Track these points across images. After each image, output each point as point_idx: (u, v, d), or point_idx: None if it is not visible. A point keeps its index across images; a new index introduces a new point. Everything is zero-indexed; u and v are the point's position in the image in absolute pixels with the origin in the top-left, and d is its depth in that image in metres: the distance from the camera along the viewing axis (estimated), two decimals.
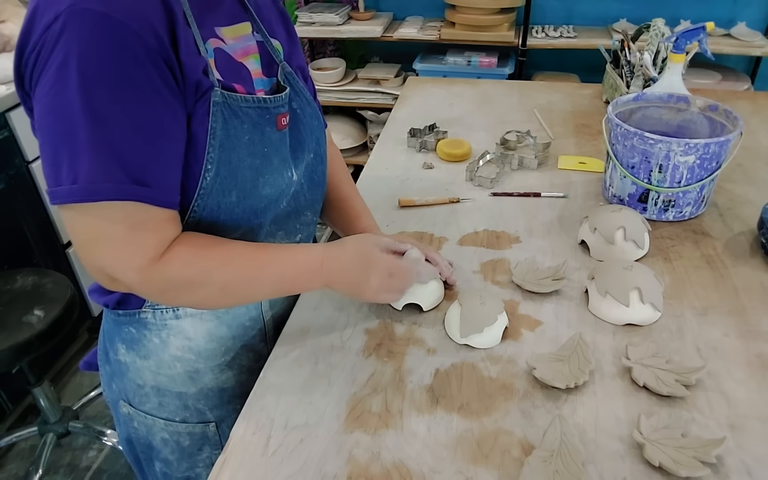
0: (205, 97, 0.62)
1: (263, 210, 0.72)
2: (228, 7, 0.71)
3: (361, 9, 2.55)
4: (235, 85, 0.66)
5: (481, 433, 0.64)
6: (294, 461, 0.62)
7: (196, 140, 0.63)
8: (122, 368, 0.80)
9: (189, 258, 0.64)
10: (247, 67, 0.70)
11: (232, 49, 0.69)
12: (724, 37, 2.22)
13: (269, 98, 0.69)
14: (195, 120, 0.62)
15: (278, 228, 0.78)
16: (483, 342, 0.75)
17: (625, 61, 1.38)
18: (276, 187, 0.73)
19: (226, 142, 0.64)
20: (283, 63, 0.75)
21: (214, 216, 0.67)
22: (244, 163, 0.67)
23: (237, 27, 0.71)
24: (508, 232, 1.00)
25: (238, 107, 0.65)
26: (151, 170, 0.58)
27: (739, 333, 0.76)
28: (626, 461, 0.60)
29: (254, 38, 0.73)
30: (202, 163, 0.63)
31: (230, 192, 0.67)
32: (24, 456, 1.78)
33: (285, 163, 0.74)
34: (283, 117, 0.72)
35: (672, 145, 0.93)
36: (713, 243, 0.95)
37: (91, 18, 0.52)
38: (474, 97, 1.59)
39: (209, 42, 0.66)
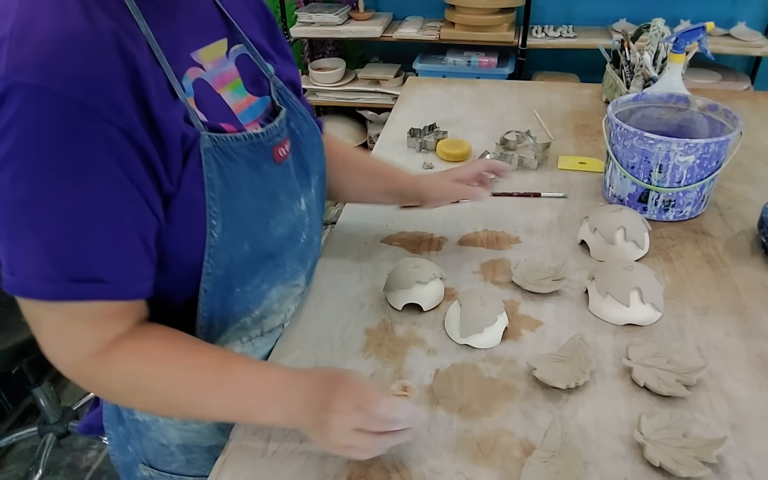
0: (194, 149, 0.56)
1: (279, 251, 0.68)
2: (202, 18, 0.63)
3: (360, 9, 2.55)
4: (222, 124, 0.60)
5: (482, 434, 0.64)
6: (294, 462, 0.62)
7: (194, 197, 0.57)
8: (140, 428, 0.74)
9: (130, 362, 0.56)
10: (225, 100, 0.63)
11: (212, 76, 0.62)
12: (724, 37, 2.22)
13: (261, 133, 0.63)
14: (187, 177, 0.56)
15: (299, 263, 0.75)
16: (483, 342, 0.75)
17: (625, 61, 1.37)
18: (288, 224, 0.68)
19: (226, 191, 0.59)
20: (273, 77, 0.69)
21: (230, 272, 0.63)
22: (249, 209, 0.62)
23: (214, 47, 0.63)
24: (508, 233, 0.99)
25: (230, 149, 0.59)
26: (93, 264, 0.51)
27: (740, 332, 0.76)
28: (627, 461, 0.60)
29: (230, 59, 0.65)
30: (205, 221, 0.58)
31: (242, 243, 0.62)
32: (24, 456, 1.77)
33: (293, 195, 0.69)
34: (280, 147, 0.66)
35: (672, 145, 0.93)
36: (714, 242, 0.95)
37: (28, 93, 0.45)
38: (474, 97, 1.59)
39: (187, 73, 0.58)
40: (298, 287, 0.78)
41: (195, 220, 0.58)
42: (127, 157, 0.50)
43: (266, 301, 0.72)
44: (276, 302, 0.74)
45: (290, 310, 0.79)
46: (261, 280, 0.68)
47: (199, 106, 0.58)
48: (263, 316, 0.73)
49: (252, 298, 0.69)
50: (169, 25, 0.57)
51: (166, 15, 0.57)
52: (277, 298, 0.73)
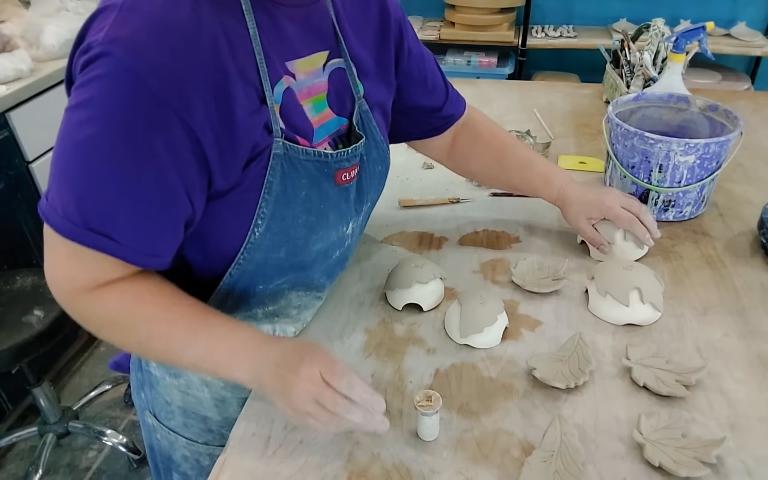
0: (263, 153, 0.58)
1: (311, 264, 0.69)
2: (309, 28, 0.63)
3: None
4: (297, 136, 0.61)
5: (481, 434, 0.64)
6: (294, 462, 0.62)
7: (247, 196, 0.60)
8: (152, 380, 0.78)
9: (118, 301, 0.59)
10: (306, 113, 0.63)
11: (299, 87, 0.62)
12: (724, 37, 2.22)
13: (330, 153, 0.64)
14: (248, 178, 0.59)
15: (327, 277, 0.76)
16: (483, 342, 0.75)
17: (625, 61, 1.37)
18: (327, 241, 0.69)
19: (282, 197, 0.61)
20: (360, 101, 0.69)
21: (259, 271, 0.66)
22: (298, 220, 0.63)
23: (311, 59, 0.63)
24: (508, 232, 1.00)
25: (298, 160, 0.61)
26: (114, 224, 0.54)
27: (740, 333, 0.76)
28: (626, 461, 0.60)
29: (325, 72, 0.65)
30: (252, 218, 0.60)
31: (279, 248, 0.64)
32: (24, 456, 1.78)
33: (342, 217, 0.70)
34: (345, 172, 0.67)
35: (672, 145, 0.93)
36: (713, 243, 0.95)
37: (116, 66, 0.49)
38: (474, 97, 1.59)
39: (283, 80, 0.60)
40: (319, 300, 0.80)
41: (243, 216, 0.60)
42: (181, 151, 0.53)
43: (283, 301, 0.73)
44: (294, 308, 0.75)
45: (306, 320, 0.80)
46: (284, 282, 0.70)
47: (282, 114, 0.60)
48: (276, 314, 0.74)
49: (270, 295, 0.71)
50: (274, 30, 0.59)
51: (274, 21, 0.59)
52: (296, 303, 0.75)
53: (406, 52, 0.79)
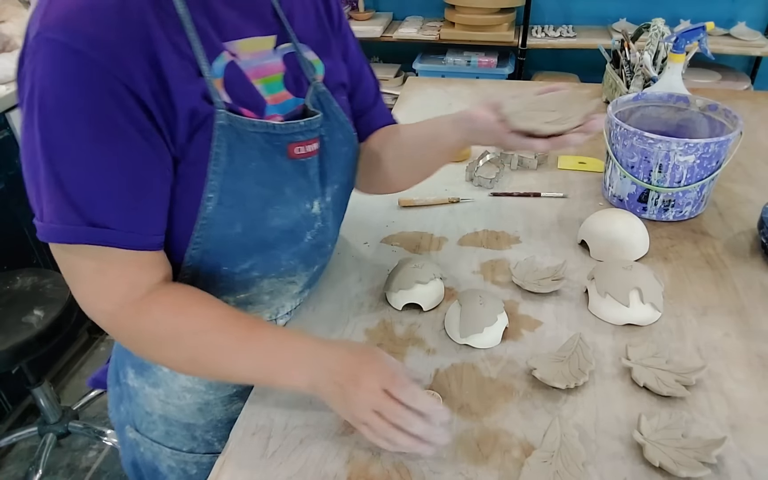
0: (206, 123, 0.58)
1: (275, 242, 0.68)
2: (247, 13, 0.64)
3: (360, 9, 2.55)
4: (242, 109, 0.61)
5: (481, 434, 0.64)
6: (294, 462, 0.62)
7: (196, 169, 0.59)
8: (131, 393, 0.78)
9: (164, 313, 0.60)
10: (258, 90, 0.64)
11: (246, 66, 0.63)
12: (724, 36, 2.22)
13: (279, 125, 0.64)
14: (194, 149, 0.58)
15: (300, 261, 0.74)
16: (483, 342, 0.75)
17: (624, 61, 1.37)
18: (289, 218, 0.68)
19: (230, 169, 0.60)
20: (315, 83, 0.70)
21: (220, 249, 0.64)
22: (251, 192, 0.63)
23: (256, 41, 0.65)
24: (508, 233, 1.00)
25: (245, 132, 0.61)
26: (110, 211, 0.55)
27: (740, 333, 0.76)
28: (626, 462, 0.60)
29: (277, 54, 0.67)
30: (202, 192, 0.60)
31: (234, 223, 0.63)
32: (23, 456, 1.77)
33: (302, 194, 0.69)
34: (299, 146, 0.66)
35: (672, 145, 0.93)
36: (713, 243, 0.95)
37: (55, 49, 0.50)
38: (473, 97, 1.59)
39: (222, 55, 0.61)
40: (294, 285, 0.77)
41: (194, 190, 0.60)
42: (138, 117, 0.54)
43: (255, 289, 0.72)
44: (266, 294, 0.74)
45: (284, 307, 0.79)
46: (251, 267, 0.69)
47: (227, 87, 0.61)
48: (249, 302, 0.73)
49: (239, 282, 0.69)
50: (207, 11, 0.60)
51: (208, 4, 0.60)
52: (268, 289, 0.73)
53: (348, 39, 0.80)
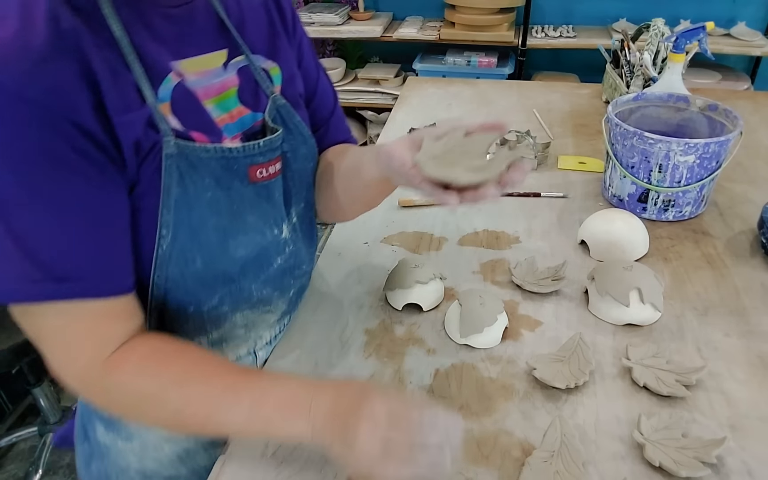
0: (153, 154, 0.53)
1: (240, 274, 0.63)
2: (192, 29, 0.59)
3: (360, 9, 2.55)
4: (193, 133, 0.56)
5: (481, 434, 0.64)
6: (294, 462, 0.62)
7: (148, 203, 0.54)
8: (102, 450, 0.71)
9: (141, 367, 0.54)
10: (208, 112, 0.59)
11: (195, 86, 0.58)
12: (724, 36, 2.22)
13: (236, 148, 0.59)
14: (143, 182, 0.54)
15: (273, 289, 0.69)
16: (483, 342, 0.75)
17: (624, 61, 1.37)
18: (254, 246, 0.63)
19: (183, 201, 0.55)
20: (274, 96, 0.65)
21: (181, 288, 0.60)
22: (208, 225, 0.58)
23: (204, 59, 0.60)
24: (508, 232, 0.99)
25: (197, 159, 0.56)
26: (72, 259, 0.50)
27: (740, 333, 0.76)
28: (627, 462, 0.60)
29: (229, 70, 0.62)
30: (156, 228, 0.55)
31: (194, 259, 0.58)
32: (23, 456, 1.77)
33: (267, 220, 0.64)
34: (261, 168, 0.61)
35: (672, 145, 0.93)
36: (713, 242, 0.95)
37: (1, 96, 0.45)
38: (473, 97, 1.59)
39: (169, 77, 0.56)
40: (270, 314, 0.72)
41: (146, 225, 0.55)
42: (89, 152, 0.49)
43: (227, 325, 0.67)
44: (241, 328, 0.69)
45: (262, 338, 0.74)
46: (220, 302, 0.64)
47: (175, 112, 0.56)
48: (223, 340, 0.68)
49: (210, 320, 0.65)
50: (149, 31, 0.55)
51: (147, 21, 0.55)
52: (242, 323, 0.69)
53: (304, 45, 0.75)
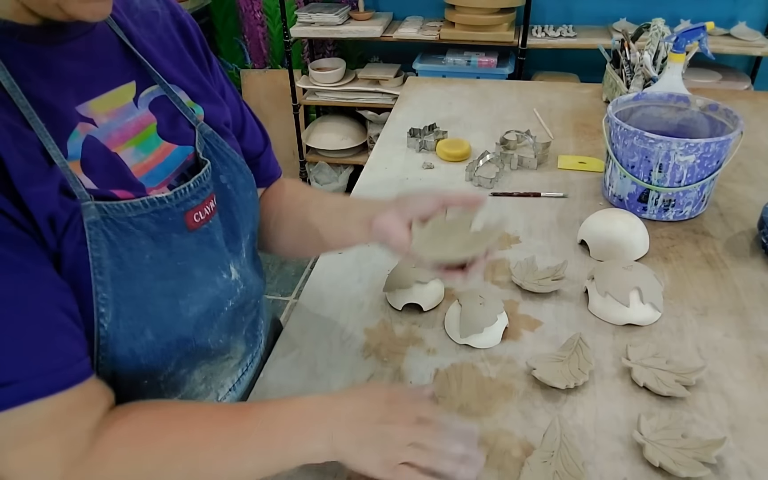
0: (72, 225, 0.46)
1: (196, 332, 0.58)
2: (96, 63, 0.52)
3: (360, 9, 2.55)
4: (115, 190, 0.49)
5: (481, 434, 0.64)
6: None
7: (77, 280, 0.47)
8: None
9: (127, 454, 0.48)
10: (125, 163, 0.52)
11: (106, 131, 0.52)
12: (724, 36, 2.21)
13: (167, 196, 0.52)
14: (67, 259, 0.46)
15: (228, 334, 0.64)
16: (483, 342, 0.75)
17: (625, 61, 1.37)
18: (206, 301, 0.58)
19: (119, 273, 0.49)
20: (200, 125, 0.60)
21: (131, 364, 0.53)
22: (152, 292, 0.52)
23: (112, 95, 0.53)
24: (508, 232, 0.99)
25: (126, 220, 0.49)
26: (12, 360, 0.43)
27: (740, 333, 0.76)
28: (626, 462, 0.60)
29: (141, 105, 0.56)
30: (93, 308, 0.48)
31: (142, 332, 0.52)
32: None
33: (215, 267, 0.59)
34: (197, 211, 0.55)
35: (672, 145, 0.93)
36: (713, 243, 0.94)
37: None
38: (473, 96, 1.59)
39: (77, 129, 0.49)
40: (230, 360, 0.67)
41: (83, 308, 0.48)
42: (7, 233, 0.43)
43: (187, 387, 0.62)
44: (201, 383, 0.64)
45: (225, 386, 0.68)
46: (176, 366, 0.58)
47: (86, 170, 0.49)
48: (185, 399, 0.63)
49: (168, 388, 0.59)
50: (47, 74, 0.48)
51: (43, 63, 0.48)
52: (201, 379, 0.64)
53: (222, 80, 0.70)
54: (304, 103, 2.67)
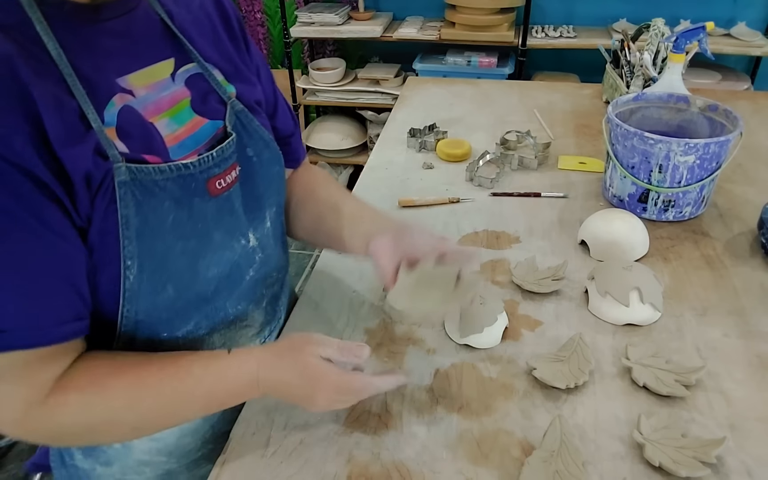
0: (105, 184, 0.50)
1: (215, 293, 0.62)
2: (137, 40, 0.57)
3: (360, 9, 2.55)
4: (146, 156, 0.54)
5: (481, 434, 0.64)
6: (294, 462, 0.62)
7: (107, 237, 0.51)
8: (81, 474, 0.70)
9: (83, 399, 0.52)
10: (158, 130, 0.56)
11: (143, 103, 0.56)
12: (724, 36, 2.22)
13: (191, 163, 0.56)
14: (98, 217, 0.51)
15: (248, 302, 0.68)
16: (483, 342, 0.75)
17: (625, 61, 1.37)
18: (225, 263, 0.62)
19: (144, 230, 0.53)
20: (232, 101, 0.63)
21: (153, 317, 0.58)
22: (173, 250, 0.56)
23: (151, 70, 0.57)
24: (508, 232, 1.00)
25: (153, 183, 0.53)
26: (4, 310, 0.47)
27: (739, 333, 0.76)
28: (626, 461, 0.60)
29: (178, 80, 0.60)
30: (119, 263, 0.53)
31: (164, 286, 0.56)
32: (24, 456, 1.77)
33: (233, 232, 0.63)
34: (219, 179, 0.60)
35: (672, 145, 0.93)
36: (713, 243, 0.95)
37: None
38: (474, 97, 1.59)
39: (113, 100, 0.53)
40: (249, 329, 0.71)
41: (108, 261, 0.52)
42: (25, 193, 0.46)
43: (205, 347, 0.65)
44: (219, 347, 0.68)
45: None
46: (196, 326, 0.63)
47: (121, 136, 0.53)
48: None
49: (186, 345, 0.63)
50: (89, 49, 0.52)
51: (86, 39, 0.52)
52: (220, 343, 0.68)
53: (259, 62, 0.74)
54: (304, 103, 2.67)
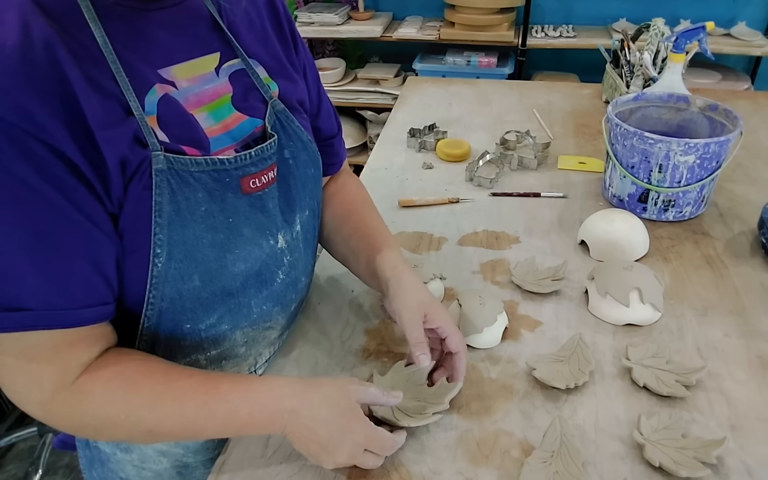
0: (141, 171, 0.51)
1: (241, 289, 0.62)
2: (185, 32, 0.58)
3: (360, 9, 2.55)
4: (184, 147, 0.55)
5: (481, 434, 0.64)
6: (294, 462, 0.62)
7: (138, 223, 0.52)
8: (103, 457, 0.72)
9: (108, 391, 0.53)
10: (198, 123, 0.57)
11: (185, 95, 0.56)
12: (724, 36, 2.22)
13: (228, 159, 0.57)
14: (131, 201, 0.51)
15: (274, 304, 0.68)
16: (483, 342, 0.75)
17: (624, 61, 1.37)
18: (253, 261, 0.62)
19: (176, 219, 0.54)
20: (273, 100, 0.64)
21: (178, 307, 0.58)
22: (202, 241, 0.56)
23: (196, 63, 0.58)
24: (508, 233, 0.99)
25: (188, 173, 0.54)
26: (26, 289, 0.47)
27: (740, 333, 0.76)
28: (626, 462, 0.60)
29: (222, 75, 0.60)
30: (149, 248, 0.53)
31: (191, 276, 0.57)
32: (23, 456, 1.77)
33: (263, 231, 0.63)
34: (253, 178, 0.60)
35: (672, 145, 0.93)
36: (713, 243, 0.95)
37: None
38: (473, 97, 1.59)
39: (155, 88, 0.54)
40: (271, 331, 0.71)
41: (138, 246, 0.53)
42: (58, 175, 0.47)
43: (227, 343, 0.66)
44: (242, 346, 0.67)
45: (262, 355, 0.73)
46: (219, 320, 0.62)
47: (161, 125, 0.54)
48: (222, 358, 0.67)
49: (207, 338, 0.63)
50: (136, 38, 0.53)
51: (135, 27, 0.53)
52: (243, 341, 0.67)
53: (306, 62, 0.74)
54: None
